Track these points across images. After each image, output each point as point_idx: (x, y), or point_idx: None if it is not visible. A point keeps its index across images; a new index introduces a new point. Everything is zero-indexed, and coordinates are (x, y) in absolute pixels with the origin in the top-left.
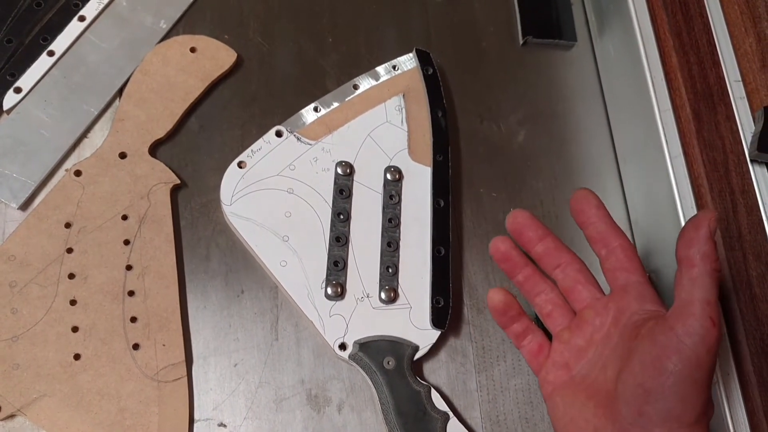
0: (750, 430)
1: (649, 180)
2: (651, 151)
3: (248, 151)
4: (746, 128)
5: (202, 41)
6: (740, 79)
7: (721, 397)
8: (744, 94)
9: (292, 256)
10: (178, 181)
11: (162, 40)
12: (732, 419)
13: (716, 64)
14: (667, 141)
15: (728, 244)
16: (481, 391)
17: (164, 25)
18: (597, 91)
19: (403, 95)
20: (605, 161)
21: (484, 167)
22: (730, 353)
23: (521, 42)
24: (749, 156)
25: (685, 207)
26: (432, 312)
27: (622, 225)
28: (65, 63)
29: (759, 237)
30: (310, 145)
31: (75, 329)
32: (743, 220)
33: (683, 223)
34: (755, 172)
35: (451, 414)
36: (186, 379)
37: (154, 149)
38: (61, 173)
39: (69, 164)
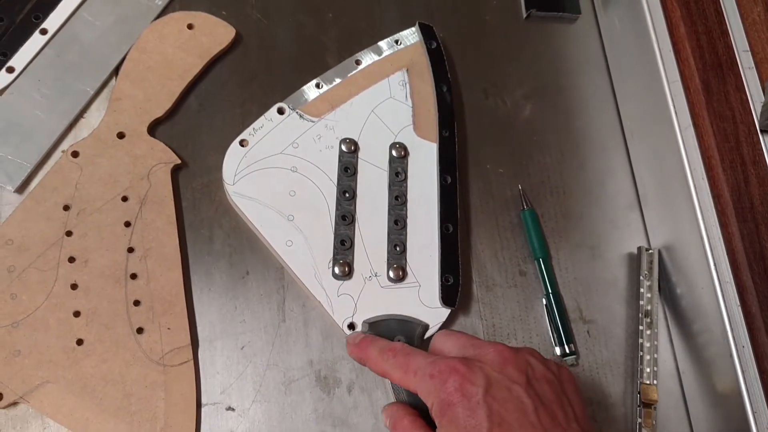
0: (766, 403)
1: (657, 153)
2: (659, 123)
3: (250, 129)
4: (756, 98)
5: (199, 17)
6: (748, 49)
7: (737, 371)
8: (753, 64)
9: (297, 236)
10: (179, 161)
11: (158, 17)
12: (748, 392)
13: (724, 33)
14: (676, 112)
15: (740, 216)
16: None
17: (160, 2)
18: (602, 63)
19: (407, 70)
20: (612, 135)
21: (490, 143)
22: (744, 326)
23: (525, 15)
24: (759, 126)
25: (695, 179)
26: (441, 290)
27: (630, 199)
28: (59, 41)
29: None
30: (313, 122)
31: (77, 314)
32: (755, 191)
33: (695, 197)
34: (766, 142)
35: None
36: (192, 362)
37: (153, 129)
38: (57, 154)
39: (65, 145)
